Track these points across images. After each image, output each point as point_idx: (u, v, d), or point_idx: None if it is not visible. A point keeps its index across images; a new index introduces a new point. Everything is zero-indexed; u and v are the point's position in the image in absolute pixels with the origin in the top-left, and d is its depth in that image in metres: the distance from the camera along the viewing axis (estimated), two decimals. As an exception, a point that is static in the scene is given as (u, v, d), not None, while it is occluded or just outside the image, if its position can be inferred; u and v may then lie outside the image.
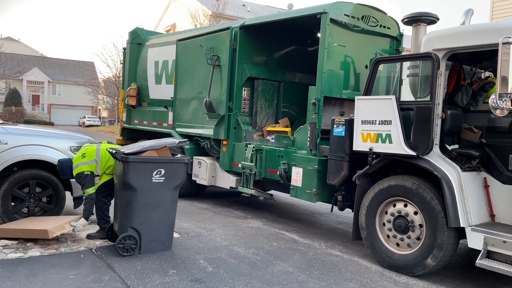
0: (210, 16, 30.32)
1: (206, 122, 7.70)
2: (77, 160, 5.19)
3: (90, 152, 5.24)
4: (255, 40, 7.39)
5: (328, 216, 7.77)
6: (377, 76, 5.25)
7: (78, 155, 5.24)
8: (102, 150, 5.30)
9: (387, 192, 4.89)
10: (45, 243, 5.03)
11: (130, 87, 9.95)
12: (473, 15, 5.21)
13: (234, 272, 4.50)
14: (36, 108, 48.83)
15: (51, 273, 4.16)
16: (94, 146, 5.38)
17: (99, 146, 5.36)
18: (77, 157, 5.22)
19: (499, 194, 4.57)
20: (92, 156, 5.22)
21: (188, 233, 5.87)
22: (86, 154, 5.22)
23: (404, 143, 4.69)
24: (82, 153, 5.23)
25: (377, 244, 4.99)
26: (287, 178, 6.32)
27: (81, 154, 5.21)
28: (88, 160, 5.18)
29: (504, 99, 3.77)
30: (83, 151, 5.27)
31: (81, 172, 5.13)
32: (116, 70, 38.35)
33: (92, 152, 5.25)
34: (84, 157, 5.18)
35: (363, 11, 6.40)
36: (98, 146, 5.38)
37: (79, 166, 5.14)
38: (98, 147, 5.35)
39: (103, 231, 5.30)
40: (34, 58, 52.34)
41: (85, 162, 5.16)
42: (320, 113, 5.90)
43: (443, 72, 4.63)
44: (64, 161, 5.35)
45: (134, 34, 10.17)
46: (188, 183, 7.70)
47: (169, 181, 4.91)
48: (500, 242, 4.13)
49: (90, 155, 5.22)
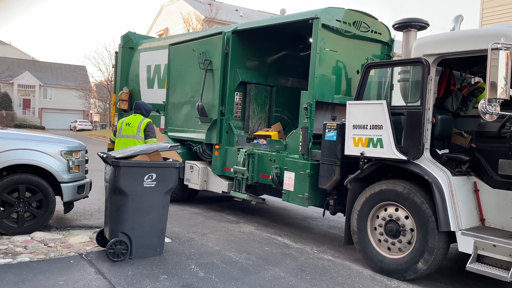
0: (202, 21, 30.34)
1: (198, 126, 7.68)
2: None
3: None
4: (247, 44, 7.41)
5: (320, 220, 7.77)
6: (369, 81, 5.29)
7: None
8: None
9: (379, 197, 4.91)
10: (34, 248, 4.97)
11: (122, 91, 9.91)
12: (462, 21, 5.27)
13: (225, 277, 4.48)
14: (27, 112, 48.42)
15: (40, 279, 4.11)
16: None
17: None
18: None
19: (489, 198, 4.61)
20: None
21: (179, 238, 5.84)
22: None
23: (395, 148, 4.72)
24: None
25: (369, 249, 5.00)
26: (279, 183, 6.32)
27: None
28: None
29: (493, 104, 3.80)
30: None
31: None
32: (108, 74, 38.20)
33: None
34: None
35: (354, 16, 6.45)
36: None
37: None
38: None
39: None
40: (25, 61, 51.96)
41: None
42: (312, 117, 5.92)
43: (433, 77, 4.67)
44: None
45: (126, 38, 10.15)
46: (180, 187, 7.66)
47: (160, 185, 4.88)
48: (490, 246, 4.16)
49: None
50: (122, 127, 6.41)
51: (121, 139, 6.37)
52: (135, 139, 6.26)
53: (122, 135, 6.38)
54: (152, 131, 6.35)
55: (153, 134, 6.36)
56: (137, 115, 6.47)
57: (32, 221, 5.61)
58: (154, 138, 6.31)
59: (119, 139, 6.40)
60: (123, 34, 10.28)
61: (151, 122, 6.42)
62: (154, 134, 6.38)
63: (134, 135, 6.30)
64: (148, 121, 6.37)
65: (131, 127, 6.35)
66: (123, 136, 6.36)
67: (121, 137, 6.38)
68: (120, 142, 6.36)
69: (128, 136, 6.31)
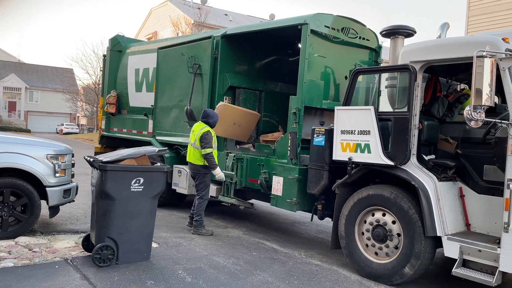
0: (192, 25, 30.32)
1: (186, 130, 7.64)
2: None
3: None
4: (236, 49, 7.42)
5: (308, 225, 7.79)
6: (356, 87, 5.33)
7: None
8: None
9: (366, 202, 4.94)
10: (19, 253, 4.89)
11: (110, 94, 9.83)
12: (449, 28, 5.36)
13: (213, 283, 4.45)
14: (12, 115, 47.75)
15: (25, 285, 4.03)
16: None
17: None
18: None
19: (474, 204, 4.67)
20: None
21: (167, 242, 5.80)
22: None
23: (383, 153, 4.76)
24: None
25: (356, 253, 5.02)
26: (267, 187, 6.32)
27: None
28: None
29: (479, 110, 3.86)
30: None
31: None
32: (96, 77, 37.88)
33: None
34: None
35: (343, 23, 6.51)
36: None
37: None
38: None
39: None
40: (11, 64, 51.30)
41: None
42: (300, 122, 5.94)
43: (420, 83, 4.73)
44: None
45: (114, 41, 10.08)
46: (167, 192, 7.61)
47: (148, 190, 4.85)
48: (475, 251, 4.21)
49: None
50: (190, 134, 6.52)
51: (188, 145, 6.57)
52: (193, 148, 6.37)
53: (189, 142, 6.52)
54: (207, 141, 6.23)
55: (208, 144, 6.23)
56: (201, 123, 6.43)
57: (16, 225, 5.51)
58: (208, 149, 6.23)
59: (188, 145, 6.57)
60: (111, 37, 10.21)
61: (208, 132, 6.28)
62: (210, 144, 6.26)
63: (192, 143, 6.39)
64: (204, 131, 6.26)
65: (193, 134, 6.42)
66: (189, 143, 6.54)
67: (189, 143, 6.54)
68: (188, 148, 6.59)
69: (191, 143, 6.46)
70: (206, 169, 6.39)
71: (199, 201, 6.44)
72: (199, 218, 6.40)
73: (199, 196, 6.46)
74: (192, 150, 6.43)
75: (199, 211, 6.42)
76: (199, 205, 6.43)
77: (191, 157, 6.44)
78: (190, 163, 6.52)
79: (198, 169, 6.41)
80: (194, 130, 6.44)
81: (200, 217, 6.40)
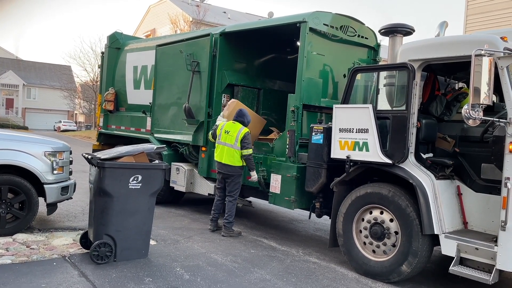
0: (190, 22, 30.28)
1: (185, 128, 7.65)
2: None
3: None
4: (235, 47, 7.41)
5: (306, 223, 7.80)
6: (355, 85, 5.34)
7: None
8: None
9: (364, 200, 4.95)
10: (16, 250, 4.88)
11: (108, 91, 9.80)
12: (447, 27, 5.36)
13: (211, 280, 4.46)
14: (10, 112, 47.61)
15: (22, 282, 4.03)
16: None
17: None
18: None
19: (472, 202, 4.69)
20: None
21: (165, 240, 5.80)
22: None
23: (381, 151, 4.77)
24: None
25: (354, 251, 5.04)
26: (266, 185, 6.33)
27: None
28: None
29: (477, 109, 3.87)
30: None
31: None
32: (94, 74, 37.78)
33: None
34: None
35: (341, 21, 6.51)
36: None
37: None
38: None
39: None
40: (9, 60, 51.11)
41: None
42: (299, 120, 5.95)
43: (418, 82, 4.74)
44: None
45: (113, 38, 10.05)
46: (165, 189, 7.60)
47: (146, 187, 4.85)
48: (472, 249, 4.22)
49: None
50: (222, 134, 6.36)
51: (219, 146, 6.40)
52: (233, 149, 6.25)
53: (221, 142, 6.37)
54: (249, 142, 6.25)
55: (249, 144, 6.25)
56: (236, 123, 6.35)
57: (14, 222, 5.51)
58: (250, 149, 6.23)
59: (218, 145, 6.42)
60: (109, 34, 10.17)
61: (248, 133, 6.27)
62: (250, 145, 6.28)
63: (232, 144, 6.25)
64: (246, 131, 6.23)
65: (229, 135, 6.28)
66: (221, 143, 6.37)
67: (220, 144, 6.39)
68: (218, 149, 6.42)
69: (226, 144, 6.30)
70: (242, 170, 6.37)
71: (233, 203, 6.35)
72: (232, 219, 6.33)
73: (233, 198, 6.36)
74: (230, 151, 6.25)
75: (233, 212, 6.34)
76: (233, 206, 6.34)
77: (229, 158, 6.26)
78: (224, 164, 6.31)
79: (236, 170, 6.30)
80: (230, 131, 6.28)
81: (233, 218, 6.34)
